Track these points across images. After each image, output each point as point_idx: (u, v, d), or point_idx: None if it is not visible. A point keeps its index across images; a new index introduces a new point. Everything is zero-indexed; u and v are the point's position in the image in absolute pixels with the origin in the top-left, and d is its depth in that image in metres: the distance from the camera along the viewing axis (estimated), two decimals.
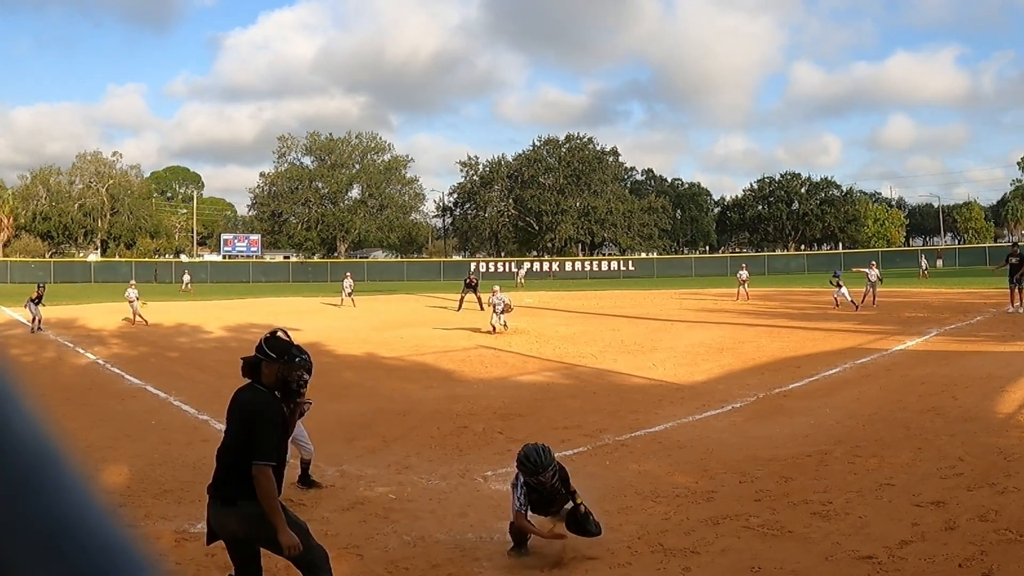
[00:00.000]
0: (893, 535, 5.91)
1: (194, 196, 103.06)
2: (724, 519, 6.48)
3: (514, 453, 8.97)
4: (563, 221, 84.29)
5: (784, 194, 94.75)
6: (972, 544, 5.65)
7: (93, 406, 11.66)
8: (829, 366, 14.07)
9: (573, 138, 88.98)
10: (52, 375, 14.34)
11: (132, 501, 7.18)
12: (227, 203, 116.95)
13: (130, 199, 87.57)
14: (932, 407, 10.25)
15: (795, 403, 11.20)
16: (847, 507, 6.62)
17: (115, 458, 8.69)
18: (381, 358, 16.82)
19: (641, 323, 23.73)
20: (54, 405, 11.16)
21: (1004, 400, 10.50)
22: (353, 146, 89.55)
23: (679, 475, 7.91)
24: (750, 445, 8.89)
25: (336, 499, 7.34)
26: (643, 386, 12.98)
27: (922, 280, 43.93)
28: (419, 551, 6.00)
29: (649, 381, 13.37)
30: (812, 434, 9.32)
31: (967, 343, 16.59)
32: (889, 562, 5.45)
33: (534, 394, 12.47)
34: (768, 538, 6.04)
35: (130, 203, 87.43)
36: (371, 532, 6.41)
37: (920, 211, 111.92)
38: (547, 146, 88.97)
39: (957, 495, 6.75)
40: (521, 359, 16.16)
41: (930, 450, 8.26)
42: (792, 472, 7.78)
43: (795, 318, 23.95)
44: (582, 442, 9.31)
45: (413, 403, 11.81)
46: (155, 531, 6.36)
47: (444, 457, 8.86)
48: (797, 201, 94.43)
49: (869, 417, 9.98)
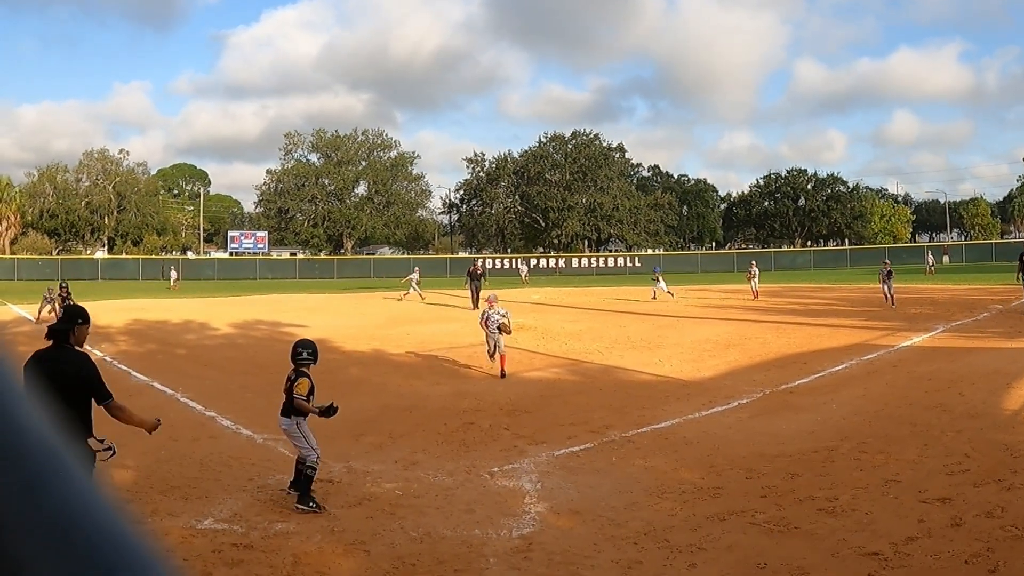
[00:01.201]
0: (899, 531, 5.90)
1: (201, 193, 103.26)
2: (730, 515, 6.49)
3: (521, 449, 9.02)
4: (569, 217, 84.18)
5: (790, 190, 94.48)
6: (978, 541, 5.65)
7: None
8: (835, 362, 14.05)
9: (579, 134, 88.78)
10: None
11: (139, 497, 7.21)
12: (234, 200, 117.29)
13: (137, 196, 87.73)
14: (938, 403, 10.22)
15: (801, 399, 11.19)
16: (853, 503, 6.62)
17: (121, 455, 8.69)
18: (388, 354, 16.83)
19: (647, 319, 23.70)
20: None
21: (1011, 396, 10.47)
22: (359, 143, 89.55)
23: (685, 471, 7.91)
24: (756, 441, 8.89)
25: (343, 495, 7.36)
26: (649, 382, 12.98)
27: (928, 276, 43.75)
28: (425, 547, 6.02)
29: (655, 377, 13.37)
30: (818, 430, 9.31)
31: (974, 339, 16.54)
32: (895, 558, 5.44)
33: (540, 390, 12.48)
34: (774, 534, 6.04)
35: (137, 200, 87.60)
36: (378, 528, 6.43)
37: (926, 207, 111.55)
38: (553, 142, 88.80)
39: (963, 491, 6.74)
40: (527, 355, 16.17)
41: (936, 446, 8.25)
42: (798, 468, 7.78)
43: (801, 314, 23.89)
44: (588, 438, 9.32)
45: (420, 399, 11.83)
46: (162, 527, 6.39)
47: (451, 453, 8.88)
48: (803, 197, 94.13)
49: (875, 413, 9.97)
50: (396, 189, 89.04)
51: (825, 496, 6.85)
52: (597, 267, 73.40)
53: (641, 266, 73.00)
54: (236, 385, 13.07)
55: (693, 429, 9.66)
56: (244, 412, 10.16)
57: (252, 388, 12.58)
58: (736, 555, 5.72)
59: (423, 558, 5.80)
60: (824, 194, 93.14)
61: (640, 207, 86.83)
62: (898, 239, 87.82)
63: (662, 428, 9.73)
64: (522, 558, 5.80)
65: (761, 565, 5.49)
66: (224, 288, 47.89)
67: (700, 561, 5.60)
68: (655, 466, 8.13)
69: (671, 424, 9.94)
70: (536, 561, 5.75)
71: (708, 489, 7.26)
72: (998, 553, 5.42)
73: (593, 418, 10.33)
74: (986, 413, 9.59)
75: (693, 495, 7.11)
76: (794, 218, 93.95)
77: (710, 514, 6.54)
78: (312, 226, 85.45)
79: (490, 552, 5.94)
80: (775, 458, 8.16)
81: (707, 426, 9.81)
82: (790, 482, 7.36)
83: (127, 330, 22.62)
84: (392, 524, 6.53)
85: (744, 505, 6.72)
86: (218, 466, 8.27)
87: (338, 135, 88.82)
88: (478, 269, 29.66)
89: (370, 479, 7.92)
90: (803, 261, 73.32)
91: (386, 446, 9.19)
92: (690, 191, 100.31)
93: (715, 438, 9.18)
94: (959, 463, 7.56)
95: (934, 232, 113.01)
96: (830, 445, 8.56)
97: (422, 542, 6.13)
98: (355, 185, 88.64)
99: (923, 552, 5.52)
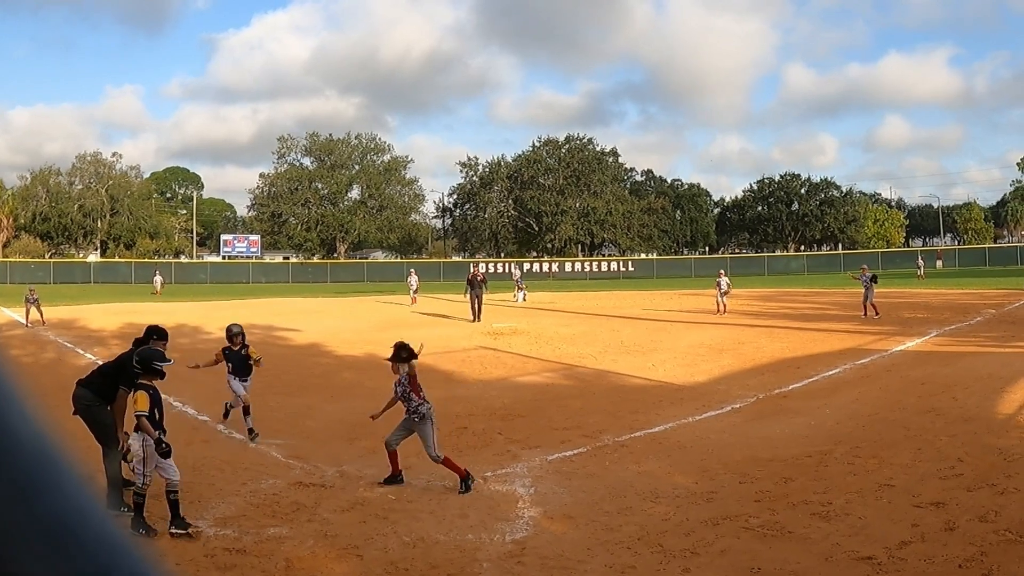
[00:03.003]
0: (893, 536, 5.91)
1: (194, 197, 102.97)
2: (724, 520, 6.48)
3: (514, 454, 9.01)
4: (563, 222, 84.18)
5: (784, 195, 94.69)
6: (972, 545, 5.65)
7: None
8: (829, 367, 14.07)
9: (573, 139, 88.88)
10: (52, 376, 14.31)
11: None
12: (227, 204, 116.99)
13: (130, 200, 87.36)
14: (932, 408, 10.25)
15: (795, 404, 11.20)
16: (847, 508, 6.63)
17: None
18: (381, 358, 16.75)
19: (641, 324, 23.71)
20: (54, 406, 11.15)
21: (1004, 401, 10.50)
22: (353, 147, 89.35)
23: (679, 476, 7.91)
24: (750, 446, 8.89)
25: (336, 499, 7.33)
26: (643, 387, 12.98)
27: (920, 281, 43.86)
28: (419, 552, 6.00)
29: (649, 382, 13.37)
30: (812, 435, 9.32)
31: (967, 344, 16.59)
32: (889, 563, 5.45)
33: (534, 395, 12.47)
34: (768, 539, 6.04)
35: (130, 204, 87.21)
36: (371, 533, 6.41)
37: (920, 212, 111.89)
38: (547, 147, 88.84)
39: (957, 496, 6.75)
40: (521, 360, 16.16)
41: (930, 451, 8.26)
42: (792, 473, 7.78)
43: (795, 319, 23.93)
44: (582, 443, 9.31)
45: None
46: None
47: None
48: (797, 202, 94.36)
49: (869, 418, 9.99)
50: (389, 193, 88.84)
51: (819, 500, 6.85)
52: (590, 271, 73.42)
53: (634, 270, 73.12)
54: (229, 390, 13.00)
55: (687, 433, 9.66)
56: (237, 417, 10.13)
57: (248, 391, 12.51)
58: (730, 559, 5.72)
59: (416, 563, 5.78)
60: (818, 199, 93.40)
61: (633, 211, 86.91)
62: (892, 244, 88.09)
63: (656, 432, 9.73)
64: (515, 563, 5.79)
65: (755, 569, 5.49)
66: (217, 292, 47.76)
67: (694, 566, 5.60)
68: (649, 470, 8.13)
69: (665, 428, 9.94)
70: (529, 566, 5.73)
71: (702, 493, 7.26)
72: (992, 557, 5.43)
73: (587, 422, 10.33)
74: (980, 417, 9.61)
75: (687, 499, 7.11)
76: (788, 223, 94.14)
77: (704, 518, 6.54)
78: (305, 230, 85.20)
79: (483, 557, 5.92)
80: (769, 462, 8.16)
81: (701, 430, 9.81)
82: (784, 486, 7.36)
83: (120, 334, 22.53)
84: (385, 528, 6.51)
85: (738, 509, 6.72)
86: (211, 470, 8.24)
87: (332, 139, 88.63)
88: (478, 275, 26.02)
89: (363, 483, 7.90)
90: (797, 266, 73.57)
91: (379, 450, 9.14)
92: (684, 195, 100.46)
93: (709, 442, 9.18)
94: (953, 467, 7.57)
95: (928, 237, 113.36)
96: (824, 449, 8.57)
97: (415, 547, 6.11)
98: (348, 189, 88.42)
99: (917, 556, 5.53)
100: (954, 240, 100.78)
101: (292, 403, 11.86)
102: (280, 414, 11.05)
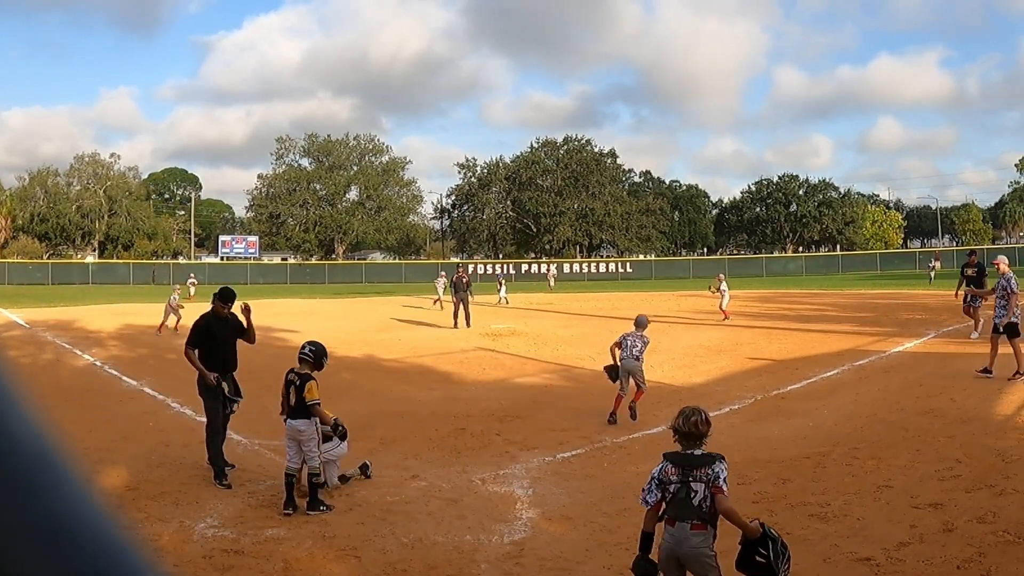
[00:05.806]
0: (891, 537, 5.91)
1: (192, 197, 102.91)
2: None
3: (513, 455, 9.01)
4: (561, 223, 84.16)
5: (782, 196, 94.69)
6: (970, 546, 5.65)
7: (91, 408, 11.63)
8: (827, 368, 14.07)
9: (571, 140, 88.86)
10: (50, 377, 14.30)
11: (130, 503, 7.16)
12: (225, 205, 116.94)
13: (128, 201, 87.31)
14: (930, 409, 10.24)
15: (793, 405, 11.20)
16: (845, 509, 6.63)
17: (113, 460, 8.67)
18: (380, 360, 16.81)
19: None
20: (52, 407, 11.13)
21: (1002, 402, 10.50)
22: (351, 148, 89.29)
23: None
24: (748, 447, 8.89)
25: (334, 501, 7.33)
26: None
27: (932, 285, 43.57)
28: (417, 553, 6.00)
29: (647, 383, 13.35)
30: (810, 436, 9.32)
31: (965, 345, 16.58)
32: (887, 564, 5.45)
33: (532, 396, 12.47)
34: None
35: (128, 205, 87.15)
36: (369, 534, 6.40)
37: (918, 213, 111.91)
38: (545, 148, 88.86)
39: (955, 497, 6.75)
40: (519, 361, 16.16)
41: (928, 452, 8.26)
42: (790, 474, 7.78)
43: (793, 320, 23.94)
44: (580, 444, 9.32)
45: (412, 405, 11.81)
46: (153, 532, 6.35)
47: (442, 459, 8.87)
48: (795, 203, 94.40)
49: (867, 419, 9.99)
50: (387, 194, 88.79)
51: (817, 502, 6.85)
52: (589, 272, 73.37)
53: (633, 272, 73.11)
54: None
55: None
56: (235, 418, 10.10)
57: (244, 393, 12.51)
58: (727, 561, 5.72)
59: (414, 564, 5.78)
60: (816, 200, 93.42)
61: (632, 212, 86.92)
62: (890, 245, 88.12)
63: (654, 434, 9.72)
64: (514, 564, 5.79)
65: None
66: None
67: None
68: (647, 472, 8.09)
69: (663, 430, 9.91)
70: (528, 567, 5.73)
71: None
72: (990, 558, 5.43)
73: (585, 424, 10.33)
74: (978, 418, 9.61)
75: None
76: (786, 224, 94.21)
77: None
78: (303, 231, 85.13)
79: (482, 558, 5.92)
80: (767, 464, 8.16)
81: None
82: (782, 488, 7.37)
83: (118, 335, 22.52)
84: (383, 530, 6.51)
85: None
86: (209, 471, 8.23)
87: (330, 140, 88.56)
88: (463, 276, 24.33)
89: (361, 484, 7.89)
90: (795, 267, 73.55)
91: (378, 451, 9.16)
92: (682, 197, 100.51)
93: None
94: (951, 468, 7.57)
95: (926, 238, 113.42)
96: (822, 451, 8.57)
97: (413, 548, 6.11)
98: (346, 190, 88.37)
99: (915, 557, 5.53)
100: (952, 241, 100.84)
101: None
102: (278, 415, 11.02)
